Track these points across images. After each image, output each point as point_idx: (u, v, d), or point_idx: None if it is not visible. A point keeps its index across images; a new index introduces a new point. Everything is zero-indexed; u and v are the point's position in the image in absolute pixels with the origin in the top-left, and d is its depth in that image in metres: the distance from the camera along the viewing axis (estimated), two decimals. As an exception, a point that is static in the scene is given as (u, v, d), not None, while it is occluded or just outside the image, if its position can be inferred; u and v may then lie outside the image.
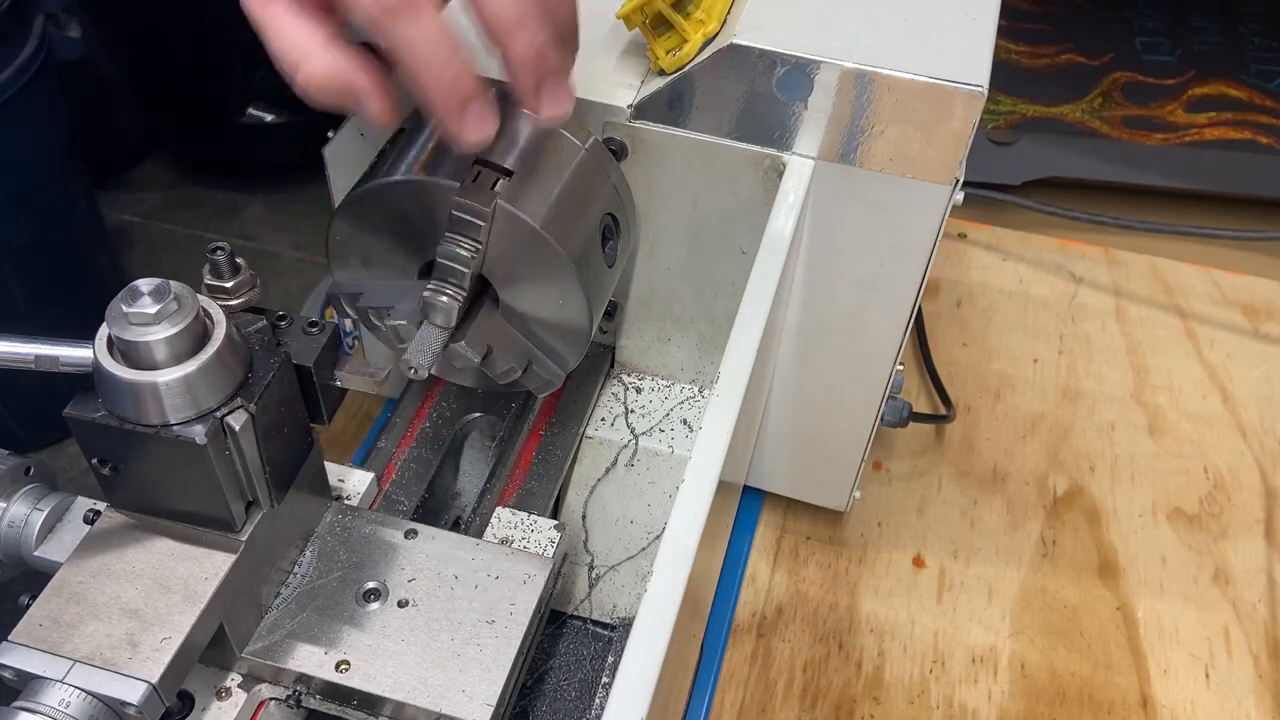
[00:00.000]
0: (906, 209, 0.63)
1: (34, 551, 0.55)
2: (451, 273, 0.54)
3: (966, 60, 0.59)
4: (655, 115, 0.62)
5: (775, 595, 0.84)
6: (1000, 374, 1.02)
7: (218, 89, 2.19)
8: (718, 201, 0.65)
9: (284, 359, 0.50)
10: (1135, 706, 0.79)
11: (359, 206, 0.57)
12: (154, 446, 0.47)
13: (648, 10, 0.60)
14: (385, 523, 0.59)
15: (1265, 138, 1.22)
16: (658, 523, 0.73)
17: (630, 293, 0.72)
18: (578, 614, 0.76)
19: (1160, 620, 0.84)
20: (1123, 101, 1.27)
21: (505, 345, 0.58)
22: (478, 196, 0.53)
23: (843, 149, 0.61)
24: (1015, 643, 0.82)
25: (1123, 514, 0.91)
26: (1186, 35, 1.36)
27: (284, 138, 2.22)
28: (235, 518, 0.51)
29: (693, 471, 0.51)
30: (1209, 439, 0.97)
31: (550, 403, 0.73)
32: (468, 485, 0.74)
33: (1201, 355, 1.05)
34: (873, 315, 0.69)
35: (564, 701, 0.71)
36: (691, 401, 0.76)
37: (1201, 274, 1.13)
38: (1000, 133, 1.22)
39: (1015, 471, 0.94)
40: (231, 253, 0.51)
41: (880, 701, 0.78)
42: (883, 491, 0.91)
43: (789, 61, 0.59)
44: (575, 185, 0.58)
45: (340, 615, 0.55)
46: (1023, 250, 1.14)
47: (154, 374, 0.45)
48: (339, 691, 0.53)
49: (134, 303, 0.45)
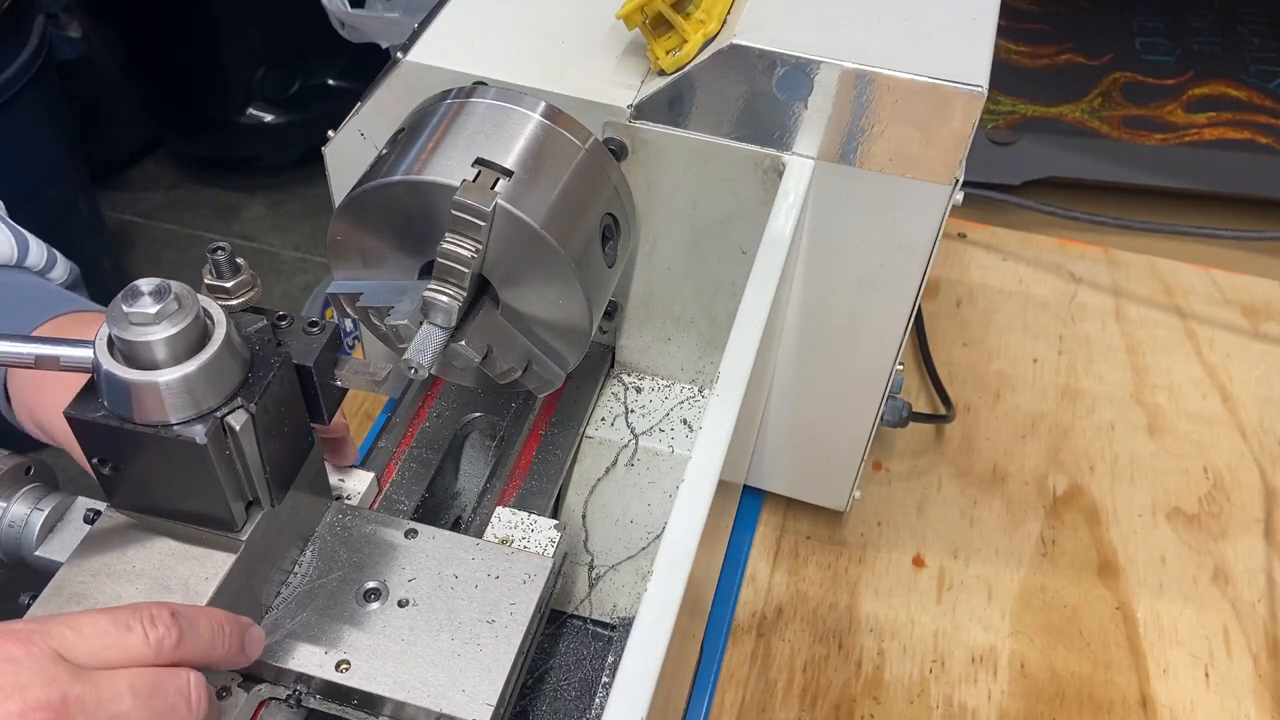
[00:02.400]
0: (906, 209, 0.63)
1: (34, 551, 0.55)
2: (451, 273, 0.54)
3: (966, 60, 0.59)
4: (655, 115, 0.63)
5: (775, 595, 0.84)
6: (1000, 374, 1.02)
7: (218, 89, 2.20)
8: (718, 201, 0.65)
9: (284, 359, 0.50)
10: (1135, 706, 0.79)
11: (359, 206, 0.57)
12: (154, 446, 0.47)
13: (648, 10, 0.60)
14: (385, 523, 0.59)
15: (1265, 138, 1.22)
16: (658, 522, 0.73)
17: (630, 293, 0.72)
18: (578, 614, 0.76)
19: (1160, 620, 0.84)
20: (1122, 101, 1.27)
21: (505, 345, 0.59)
22: (478, 196, 0.53)
23: (843, 149, 0.61)
24: (1015, 642, 0.82)
25: (1122, 514, 0.91)
26: (1186, 35, 1.36)
27: (284, 138, 2.23)
28: (235, 518, 0.51)
29: (693, 471, 0.51)
30: (1209, 439, 0.97)
31: (550, 403, 0.73)
32: (468, 485, 0.74)
33: (1201, 355, 1.05)
34: (873, 315, 0.69)
35: (564, 701, 0.71)
36: (691, 401, 0.76)
37: (1201, 274, 1.13)
38: (1000, 133, 1.22)
39: (1015, 471, 0.94)
40: (232, 253, 0.51)
41: (880, 701, 0.78)
42: (883, 491, 0.91)
43: (789, 61, 0.59)
44: (575, 185, 0.58)
45: (340, 615, 0.55)
46: (1023, 250, 1.14)
47: (154, 374, 0.45)
48: (339, 691, 0.53)
49: (134, 303, 0.45)
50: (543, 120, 0.58)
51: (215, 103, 2.17)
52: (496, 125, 0.57)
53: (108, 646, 0.43)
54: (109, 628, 0.44)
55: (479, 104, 0.58)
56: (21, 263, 0.67)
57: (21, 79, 1.45)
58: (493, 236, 0.54)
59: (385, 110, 0.65)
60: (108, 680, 0.42)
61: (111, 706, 0.42)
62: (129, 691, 0.43)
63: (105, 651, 0.43)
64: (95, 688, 0.42)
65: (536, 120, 0.58)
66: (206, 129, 2.25)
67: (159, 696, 0.44)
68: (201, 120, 2.23)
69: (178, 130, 2.30)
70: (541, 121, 0.58)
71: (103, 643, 0.43)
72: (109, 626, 0.44)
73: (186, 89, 2.18)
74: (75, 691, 0.41)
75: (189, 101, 2.21)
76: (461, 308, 0.55)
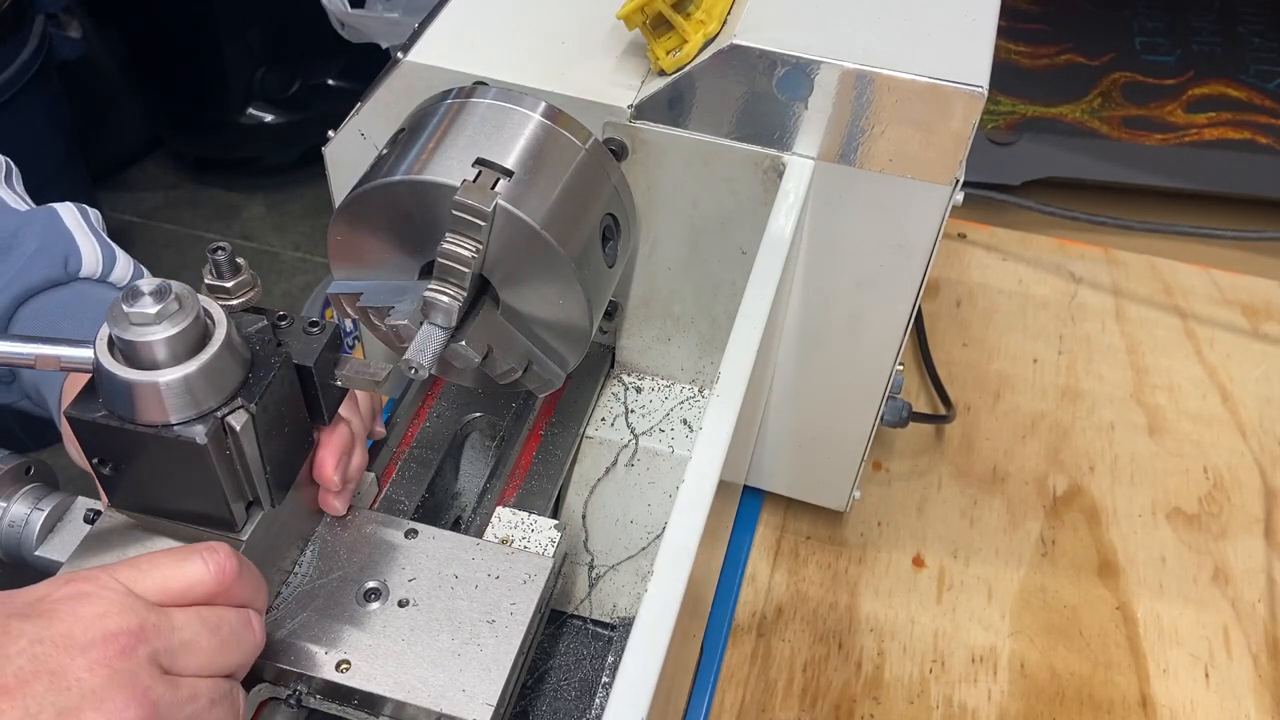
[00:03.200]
0: (906, 209, 0.63)
1: (34, 551, 0.55)
2: (451, 273, 0.54)
3: (966, 60, 0.59)
4: (655, 115, 0.63)
5: (775, 595, 0.84)
6: (1000, 374, 1.02)
7: (218, 89, 2.20)
8: (718, 201, 0.65)
9: (284, 359, 0.50)
10: (1135, 706, 0.79)
11: (359, 207, 0.57)
12: (154, 446, 0.47)
13: (648, 10, 0.60)
14: (385, 523, 0.59)
15: (1265, 138, 1.22)
16: (658, 523, 0.73)
17: (630, 293, 0.72)
18: (578, 614, 0.76)
19: (1160, 620, 0.84)
20: (1122, 102, 1.27)
21: (505, 345, 0.59)
22: (478, 196, 0.53)
23: (843, 149, 0.61)
24: (1015, 642, 0.82)
25: (1122, 514, 0.91)
26: (1186, 35, 1.36)
27: (284, 138, 2.23)
28: (235, 518, 0.51)
29: (693, 471, 0.51)
30: (1209, 439, 0.97)
31: (550, 403, 0.73)
32: (468, 485, 0.74)
33: (1201, 355, 1.05)
34: (873, 315, 0.69)
35: (564, 701, 0.71)
36: (691, 401, 0.76)
37: (1201, 274, 1.13)
38: (1000, 133, 1.22)
39: (1015, 471, 0.94)
40: (232, 253, 0.51)
41: (880, 701, 0.78)
42: (883, 491, 0.91)
43: (789, 61, 0.59)
44: (575, 185, 0.58)
45: (341, 615, 0.55)
46: (1022, 250, 1.14)
47: (154, 374, 0.45)
48: (339, 691, 0.53)
49: (135, 303, 0.45)
50: (543, 120, 0.58)
51: (215, 103, 2.17)
52: (497, 125, 0.57)
53: (169, 577, 0.46)
54: (167, 560, 0.46)
55: (479, 104, 0.58)
56: (106, 277, 0.68)
57: (21, 79, 1.45)
58: (493, 236, 0.54)
59: (385, 110, 0.65)
60: (179, 611, 0.45)
61: (184, 634, 0.44)
62: (198, 620, 0.45)
63: (167, 581, 0.46)
64: (167, 617, 0.44)
65: (537, 120, 0.58)
66: (206, 129, 2.25)
67: (225, 627, 0.46)
68: (201, 120, 2.23)
69: (178, 130, 2.30)
70: (542, 121, 0.58)
71: (164, 574, 0.46)
72: (167, 559, 0.46)
73: (186, 89, 2.18)
74: (151, 620, 0.43)
75: (189, 101, 2.21)
76: (461, 308, 0.54)
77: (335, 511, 0.58)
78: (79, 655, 0.41)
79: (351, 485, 0.58)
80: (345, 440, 0.56)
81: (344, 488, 0.57)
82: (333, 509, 0.58)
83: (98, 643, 0.41)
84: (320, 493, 0.57)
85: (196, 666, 0.45)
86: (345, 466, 0.56)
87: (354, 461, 0.57)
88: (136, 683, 0.41)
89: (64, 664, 0.40)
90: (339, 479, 0.56)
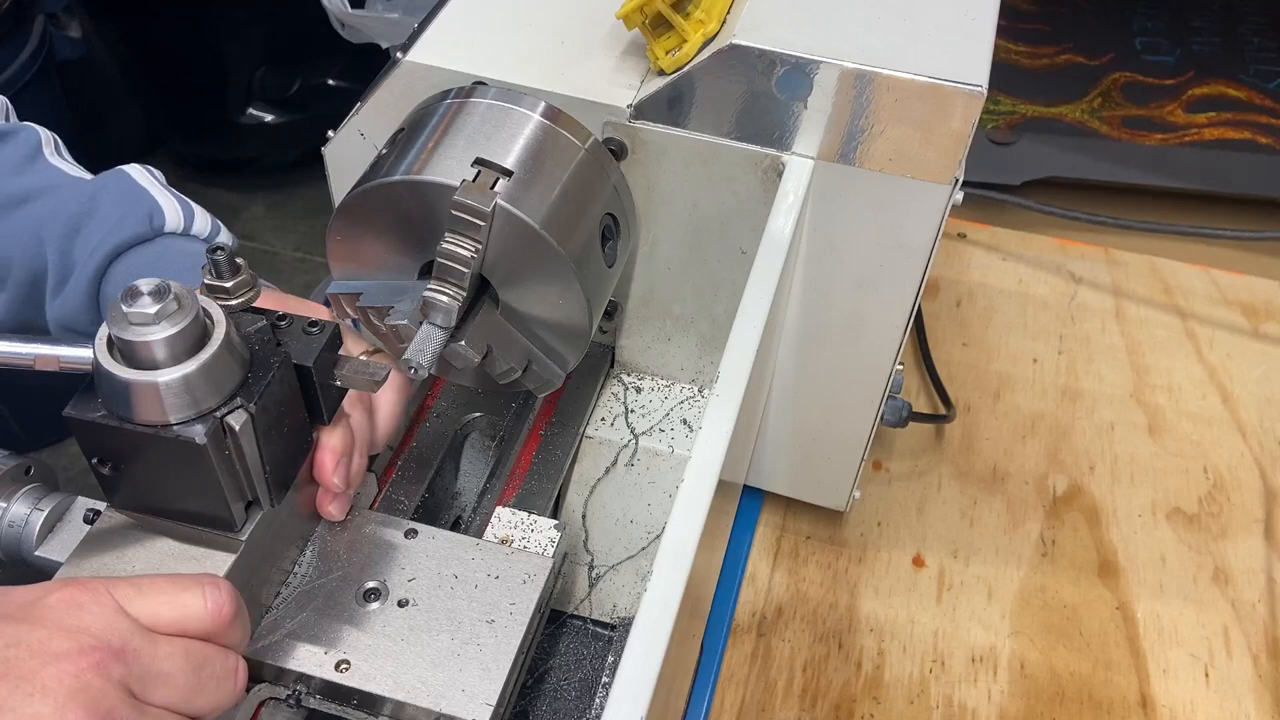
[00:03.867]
0: (906, 209, 0.63)
1: (34, 551, 0.55)
2: (451, 273, 0.54)
3: (966, 60, 0.59)
4: (655, 115, 0.63)
5: (775, 595, 0.84)
6: (1000, 374, 1.02)
7: (218, 89, 2.20)
8: (718, 201, 0.65)
9: (284, 359, 0.50)
10: (1135, 706, 0.79)
11: (359, 206, 0.57)
12: (154, 446, 0.47)
13: (648, 10, 0.60)
14: (385, 522, 0.59)
15: (1265, 138, 1.22)
16: (658, 522, 0.73)
17: (630, 293, 0.72)
18: (578, 614, 0.76)
19: (1160, 620, 0.84)
20: (1122, 102, 1.27)
21: (505, 345, 0.59)
22: (478, 196, 0.53)
23: (842, 149, 0.61)
24: (1015, 642, 0.82)
25: (1122, 514, 0.91)
26: (1186, 35, 1.36)
27: (284, 138, 2.23)
28: (235, 518, 0.51)
29: (693, 471, 0.51)
30: (1209, 439, 0.97)
31: (550, 403, 0.73)
32: (468, 485, 0.74)
33: (1201, 355, 1.05)
34: (873, 315, 0.69)
35: (564, 701, 0.71)
36: (691, 401, 0.76)
37: (1201, 274, 1.13)
38: (1000, 133, 1.22)
39: (1015, 471, 0.94)
40: (232, 253, 0.51)
41: (880, 701, 0.78)
42: (883, 491, 0.91)
43: (789, 61, 0.59)
44: (575, 185, 0.58)
45: (340, 615, 0.55)
46: (1022, 250, 1.14)
47: (154, 374, 0.45)
48: (339, 691, 0.53)
49: (134, 303, 0.45)
50: (542, 120, 0.58)
51: (215, 103, 2.17)
52: (496, 125, 0.57)
53: (165, 603, 0.45)
54: (168, 586, 0.46)
55: (479, 104, 0.58)
56: (188, 230, 0.69)
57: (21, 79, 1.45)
58: (492, 236, 0.54)
59: (385, 110, 0.65)
60: (166, 640, 0.44)
61: (164, 664, 0.44)
62: (182, 655, 0.44)
63: (162, 608, 0.45)
64: (152, 644, 0.44)
65: (536, 120, 0.58)
66: (206, 129, 2.25)
67: (208, 668, 0.45)
68: (201, 120, 2.23)
69: (178, 130, 2.30)
70: (541, 121, 0.58)
71: (161, 599, 0.45)
72: (168, 585, 0.46)
73: (186, 89, 2.18)
74: (134, 643, 0.43)
75: (189, 102, 2.21)
76: (461, 308, 0.55)
77: (333, 518, 0.58)
78: (51, 664, 0.40)
79: (352, 490, 0.58)
80: (345, 441, 0.56)
81: (344, 491, 0.57)
82: (330, 515, 0.58)
83: (73, 654, 0.41)
84: (319, 498, 0.57)
85: (167, 700, 0.44)
86: (346, 468, 0.56)
87: (355, 464, 0.57)
88: (101, 702, 0.40)
89: (34, 669, 0.40)
90: (339, 481, 0.55)
